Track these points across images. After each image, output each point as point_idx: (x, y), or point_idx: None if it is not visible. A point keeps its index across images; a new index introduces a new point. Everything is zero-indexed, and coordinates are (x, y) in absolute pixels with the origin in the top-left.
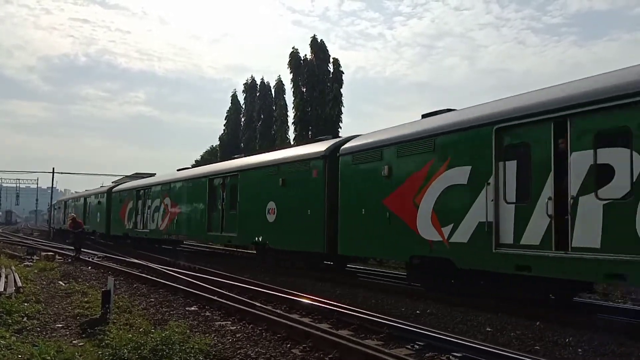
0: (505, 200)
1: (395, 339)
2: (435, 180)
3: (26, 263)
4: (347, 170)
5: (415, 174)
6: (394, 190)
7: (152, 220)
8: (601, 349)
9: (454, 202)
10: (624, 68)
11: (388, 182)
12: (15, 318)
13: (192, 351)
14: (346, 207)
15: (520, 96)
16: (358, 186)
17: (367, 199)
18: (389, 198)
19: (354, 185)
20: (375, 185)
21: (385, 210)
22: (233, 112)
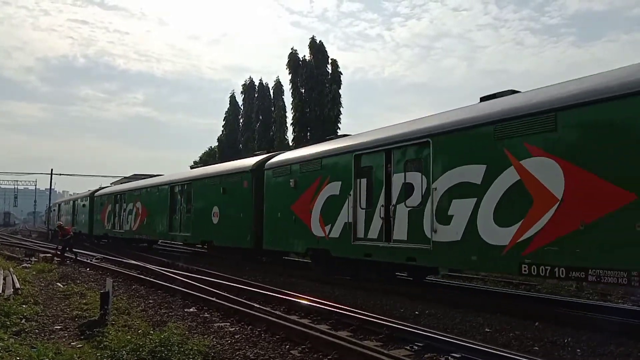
0: (360, 207)
1: (395, 339)
2: (322, 191)
3: (24, 264)
4: (270, 182)
5: (311, 186)
6: (298, 198)
7: (127, 221)
8: (600, 350)
9: (332, 208)
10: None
11: (295, 191)
12: (13, 320)
13: (191, 353)
14: (269, 211)
15: (369, 133)
16: (276, 194)
17: (282, 205)
18: (295, 204)
19: (274, 193)
20: (287, 194)
21: (292, 214)
22: (231, 113)
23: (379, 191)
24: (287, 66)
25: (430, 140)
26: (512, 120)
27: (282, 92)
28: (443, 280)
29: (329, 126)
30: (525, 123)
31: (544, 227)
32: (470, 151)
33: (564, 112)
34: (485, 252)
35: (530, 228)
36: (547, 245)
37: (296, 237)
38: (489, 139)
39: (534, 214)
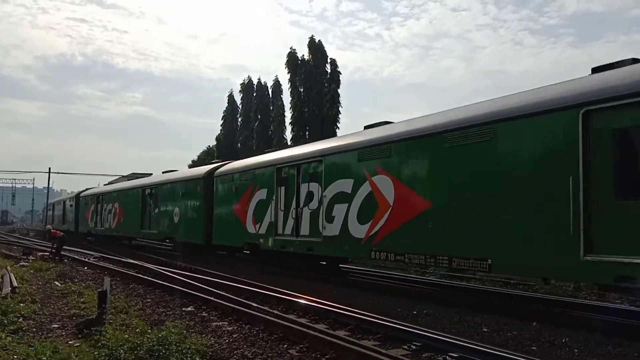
0: (280, 209)
1: (392, 339)
2: (254, 196)
3: (22, 263)
4: (217, 187)
5: (246, 191)
6: (237, 201)
7: (107, 220)
8: (597, 350)
9: (261, 209)
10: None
11: (236, 196)
12: (11, 318)
13: (188, 352)
14: (217, 212)
15: (291, 149)
16: (223, 198)
17: (226, 207)
18: (236, 207)
19: (221, 197)
20: (230, 198)
21: (233, 214)
22: (230, 112)
23: (292, 197)
24: (286, 65)
25: (322, 159)
26: (368, 148)
27: (280, 91)
28: (440, 280)
29: (327, 125)
30: (375, 151)
31: (383, 225)
32: (345, 168)
33: (394, 145)
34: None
35: (376, 225)
36: (385, 237)
37: (237, 234)
38: (355, 160)
39: (378, 216)
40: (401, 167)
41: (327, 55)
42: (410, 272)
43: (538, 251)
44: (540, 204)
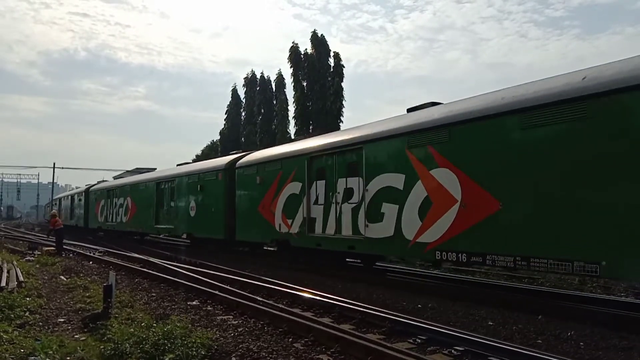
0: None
1: (397, 333)
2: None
3: (28, 258)
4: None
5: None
6: (264, 195)
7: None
8: (602, 343)
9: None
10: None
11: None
12: (17, 313)
13: (194, 345)
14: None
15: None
16: (247, 191)
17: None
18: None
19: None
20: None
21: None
22: (233, 106)
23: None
24: (289, 60)
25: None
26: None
27: (284, 85)
28: (445, 274)
29: (331, 119)
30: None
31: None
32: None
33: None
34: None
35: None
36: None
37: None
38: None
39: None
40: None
41: (330, 49)
42: (415, 266)
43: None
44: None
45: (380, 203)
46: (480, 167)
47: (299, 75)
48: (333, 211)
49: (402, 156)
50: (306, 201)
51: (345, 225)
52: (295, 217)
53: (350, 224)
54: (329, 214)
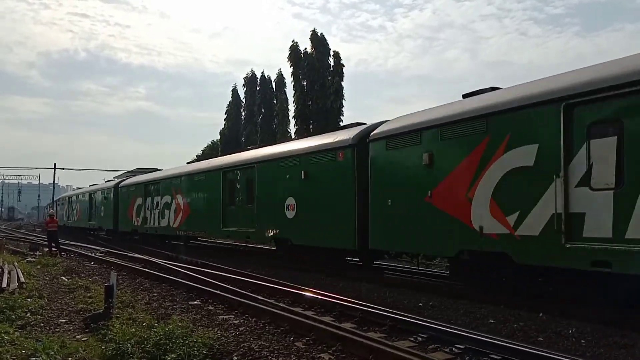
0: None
1: (398, 331)
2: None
3: (29, 259)
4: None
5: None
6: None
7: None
8: (604, 340)
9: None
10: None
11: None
12: (18, 313)
13: (195, 345)
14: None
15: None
16: (396, 176)
17: (407, 190)
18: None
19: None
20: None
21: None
22: (233, 106)
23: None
24: (289, 59)
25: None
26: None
27: (284, 85)
28: (446, 272)
29: (331, 119)
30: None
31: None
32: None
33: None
34: None
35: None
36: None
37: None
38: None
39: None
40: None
41: (330, 48)
42: (416, 264)
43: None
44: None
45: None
46: None
47: (299, 74)
48: None
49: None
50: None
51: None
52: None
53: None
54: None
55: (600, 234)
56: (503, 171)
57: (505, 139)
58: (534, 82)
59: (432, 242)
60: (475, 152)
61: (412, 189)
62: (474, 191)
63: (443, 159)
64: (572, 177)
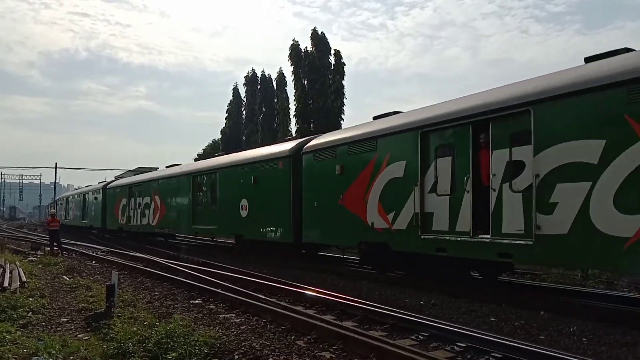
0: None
1: (400, 329)
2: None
3: (30, 258)
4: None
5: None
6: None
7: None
8: (605, 339)
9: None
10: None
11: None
12: (20, 313)
13: (196, 344)
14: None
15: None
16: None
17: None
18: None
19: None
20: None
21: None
22: (234, 105)
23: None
24: (289, 58)
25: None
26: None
27: (284, 83)
28: None
29: (332, 117)
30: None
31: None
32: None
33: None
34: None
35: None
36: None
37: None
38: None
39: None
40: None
41: (330, 47)
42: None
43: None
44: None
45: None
46: None
47: (299, 73)
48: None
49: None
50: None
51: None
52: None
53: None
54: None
55: (442, 228)
56: (385, 180)
57: (387, 155)
58: (407, 113)
59: (344, 236)
60: (369, 165)
61: (330, 194)
62: (368, 195)
63: (350, 170)
64: (426, 186)
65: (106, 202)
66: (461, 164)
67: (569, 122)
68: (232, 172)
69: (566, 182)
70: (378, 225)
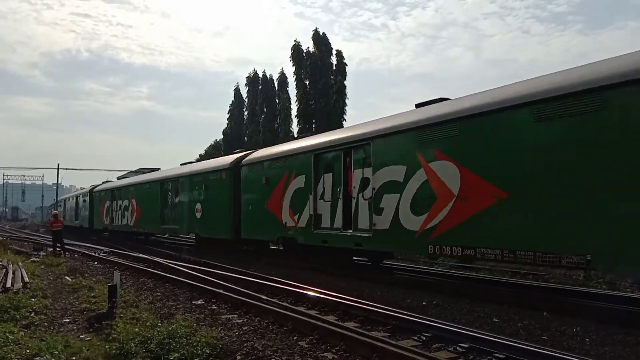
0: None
1: (402, 330)
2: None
3: (33, 259)
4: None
5: (280, 181)
6: (270, 193)
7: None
8: (609, 339)
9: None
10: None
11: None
12: (23, 313)
13: (198, 344)
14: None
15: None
16: (252, 189)
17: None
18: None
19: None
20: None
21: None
22: (236, 105)
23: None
24: (291, 58)
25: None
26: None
27: (286, 84)
28: (449, 271)
29: (334, 117)
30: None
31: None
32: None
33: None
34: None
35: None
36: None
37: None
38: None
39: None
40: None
41: (332, 47)
42: (419, 263)
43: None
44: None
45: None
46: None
47: (301, 73)
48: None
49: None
50: (313, 197)
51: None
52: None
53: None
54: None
55: (326, 225)
56: (293, 189)
57: (294, 171)
58: (306, 138)
59: (269, 233)
60: (284, 177)
61: (259, 199)
62: (283, 201)
63: (272, 181)
64: (317, 194)
65: (93, 204)
66: (337, 179)
67: (389, 153)
68: (190, 181)
69: (388, 194)
70: (289, 224)
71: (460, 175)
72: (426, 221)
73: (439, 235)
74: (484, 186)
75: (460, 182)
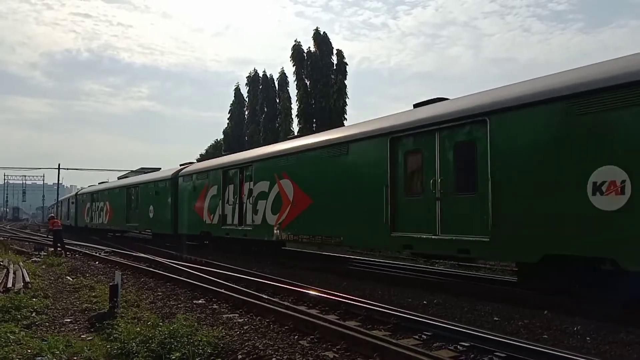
0: (227, 203)
1: (403, 329)
2: (208, 192)
3: (34, 259)
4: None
5: (203, 189)
6: (196, 198)
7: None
8: (609, 338)
9: (214, 204)
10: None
11: (194, 193)
12: (24, 313)
13: (200, 344)
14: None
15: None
16: (185, 195)
17: (188, 202)
18: (195, 202)
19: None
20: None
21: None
22: (236, 105)
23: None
24: (292, 58)
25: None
26: (280, 157)
27: (287, 83)
28: (450, 270)
29: (335, 117)
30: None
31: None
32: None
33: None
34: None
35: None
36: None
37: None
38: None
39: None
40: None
41: (333, 47)
42: (419, 262)
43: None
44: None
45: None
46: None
47: (301, 73)
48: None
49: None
50: (222, 201)
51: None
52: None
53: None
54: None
55: (230, 222)
56: (210, 196)
57: (211, 182)
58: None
59: (194, 228)
60: (205, 186)
61: (189, 203)
62: (204, 204)
63: (197, 189)
64: (225, 199)
65: (77, 205)
66: (236, 189)
67: (260, 172)
68: (146, 187)
69: (261, 200)
70: (207, 221)
71: (293, 188)
72: (277, 218)
73: (284, 227)
74: (303, 196)
75: (294, 193)
